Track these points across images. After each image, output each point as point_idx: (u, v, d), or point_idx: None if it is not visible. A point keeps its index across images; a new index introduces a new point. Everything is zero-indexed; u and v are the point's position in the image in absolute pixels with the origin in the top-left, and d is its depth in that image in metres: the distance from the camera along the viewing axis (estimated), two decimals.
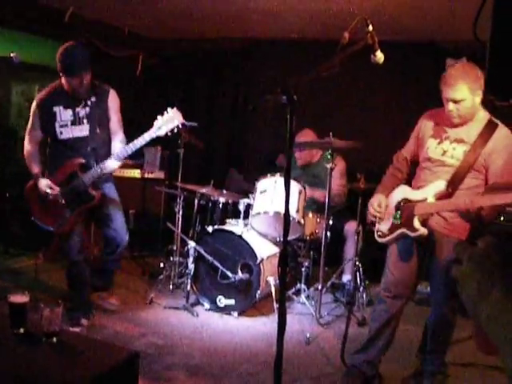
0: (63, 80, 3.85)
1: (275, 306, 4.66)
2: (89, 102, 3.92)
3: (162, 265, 5.50)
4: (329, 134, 4.57)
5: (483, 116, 3.21)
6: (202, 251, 4.70)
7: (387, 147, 3.74)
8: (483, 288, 0.83)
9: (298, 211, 4.63)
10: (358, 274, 5.01)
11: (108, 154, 3.98)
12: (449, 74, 3.13)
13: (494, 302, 0.80)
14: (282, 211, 4.23)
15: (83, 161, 3.93)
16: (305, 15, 5.26)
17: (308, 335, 4.22)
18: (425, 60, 5.77)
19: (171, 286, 5.15)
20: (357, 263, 4.98)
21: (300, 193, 4.71)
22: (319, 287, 4.58)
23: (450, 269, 2.96)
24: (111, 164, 3.88)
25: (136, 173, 6.42)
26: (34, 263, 5.32)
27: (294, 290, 5.04)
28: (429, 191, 3.21)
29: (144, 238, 6.31)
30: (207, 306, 4.75)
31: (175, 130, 3.86)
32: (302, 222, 4.69)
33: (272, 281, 4.70)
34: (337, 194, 5.19)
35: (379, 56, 2.71)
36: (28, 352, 2.31)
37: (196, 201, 5.43)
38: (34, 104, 3.98)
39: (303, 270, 4.99)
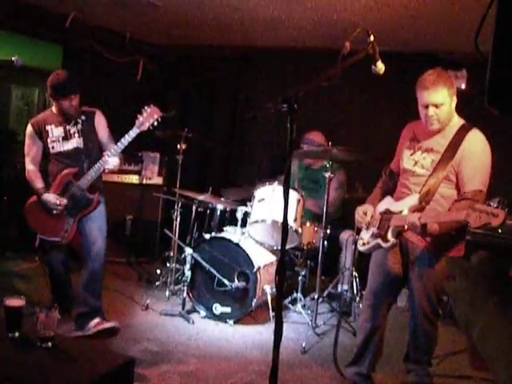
0: (54, 104, 4.16)
1: (271, 314, 4.66)
2: (79, 120, 4.18)
3: (158, 271, 5.50)
4: (329, 144, 4.59)
5: (456, 121, 3.22)
6: (199, 258, 4.69)
7: (386, 157, 3.75)
8: (476, 303, 0.82)
9: (295, 220, 4.63)
10: (354, 283, 5.00)
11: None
12: (426, 79, 3.12)
13: (486, 316, 0.79)
14: (280, 220, 4.23)
15: (76, 169, 4.10)
16: (306, 24, 5.28)
17: (304, 344, 4.21)
18: (425, 71, 5.78)
19: (167, 293, 5.13)
20: (353, 273, 4.98)
21: (298, 202, 4.71)
22: (316, 296, 4.57)
23: (422, 278, 2.94)
24: (110, 160, 4.02)
25: (134, 179, 6.41)
26: (31, 267, 5.31)
27: (290, 299, 5.02)
28: (405, 204, 3.23)
29: (141, 244, 6.30)
30: (203, 313, 4.73)
31: (155, 124, 4.11)
32: (300, 231, 4.68)
33: (268, 289, 4.69)
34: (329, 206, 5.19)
35: (380, 67, 2.71)
36: (23, 356, 2.30)
37: (194, 208, 5.43)
38: (29, 127, 4.19)
39: (300, 279, 4.98)
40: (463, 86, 5.60)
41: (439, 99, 3.08)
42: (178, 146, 5.29)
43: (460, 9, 4.13)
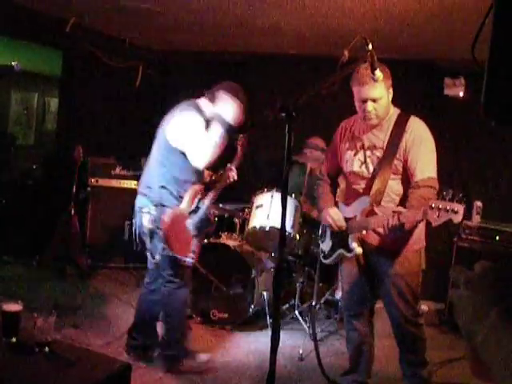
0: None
1: (268, 320, 4.65)
2: None
3: None
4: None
5: (393, 112, 3.19)
6: (197, 264, 4.69)
7: None
8: (479, 311, 0.82)
9: (293, 226, 4.63)
10: None
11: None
12: (362, 74, 3.00)
13: (489, 325, 0.79)
14: (278, 226, 4.24)
15: (202, 185, 3.75)
16: (304, 31, 5.30)
17: (301, 351, 4.20)
18: (423, 79, 5.81)
19: None
20: None
21: (296, 208, 4.71)
22: (313, 303, 4.57)
23: (393, 281, 2.89)
24: (233, 174, 3.92)
25: (133, 184, 6.39)
26: (29, 271, 5.29)
27: (287, 305, 5.02)
28: (357, 208, 3.16)
29: (139, 250, 6.28)
30: (200, 319, 4.72)
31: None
32: (298, 237, 4.68)
33: (266, 295, 4.69)
34: None
35: (378, 75, 2.73)
36: (20, 361, 2.29)
37: None
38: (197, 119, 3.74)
39: (297, 285, 4.98)
40: (461, 94, 5.61)
41: (377, 94, 3.04)
42: None
43: (458, 17, 4.15)
